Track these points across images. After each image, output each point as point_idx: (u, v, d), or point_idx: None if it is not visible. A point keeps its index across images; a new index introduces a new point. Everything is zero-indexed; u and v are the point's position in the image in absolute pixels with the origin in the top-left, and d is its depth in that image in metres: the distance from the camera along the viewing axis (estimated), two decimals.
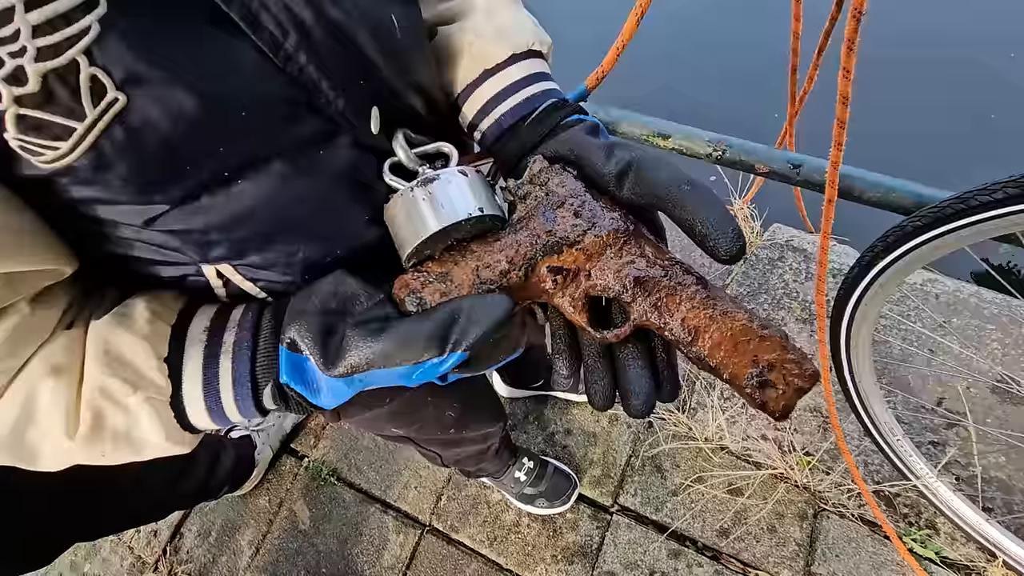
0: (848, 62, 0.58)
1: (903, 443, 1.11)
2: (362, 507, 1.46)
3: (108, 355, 0.36)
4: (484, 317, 0.34)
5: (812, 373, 0.33)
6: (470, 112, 0.48)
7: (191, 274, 0.41)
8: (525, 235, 0.38)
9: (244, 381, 0.38)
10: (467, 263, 0.37)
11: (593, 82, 0.91)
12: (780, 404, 0.33)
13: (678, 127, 0.95)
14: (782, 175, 0.87)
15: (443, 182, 0.38)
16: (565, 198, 0.38)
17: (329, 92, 0.36)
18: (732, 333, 0.34)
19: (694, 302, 0.36)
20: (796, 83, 1.06)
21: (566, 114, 0.45)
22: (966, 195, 0.66)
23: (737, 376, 0.34)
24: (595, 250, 0.37)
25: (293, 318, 0.37)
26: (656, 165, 0.37)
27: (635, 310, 0.37)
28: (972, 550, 1.16)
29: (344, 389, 0.37)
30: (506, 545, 1.35)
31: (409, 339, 0.34)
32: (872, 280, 0.83)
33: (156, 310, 0.39)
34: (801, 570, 1.20)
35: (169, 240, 0.36)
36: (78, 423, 0.36)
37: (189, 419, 0.39)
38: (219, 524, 1.52)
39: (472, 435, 0.96)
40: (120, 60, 0.27)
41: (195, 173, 0.32)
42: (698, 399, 1.44)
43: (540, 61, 0.49)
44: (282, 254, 0.39)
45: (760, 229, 1.69)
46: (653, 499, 1.33)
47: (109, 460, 0.38)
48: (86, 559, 1.57)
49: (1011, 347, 1.33)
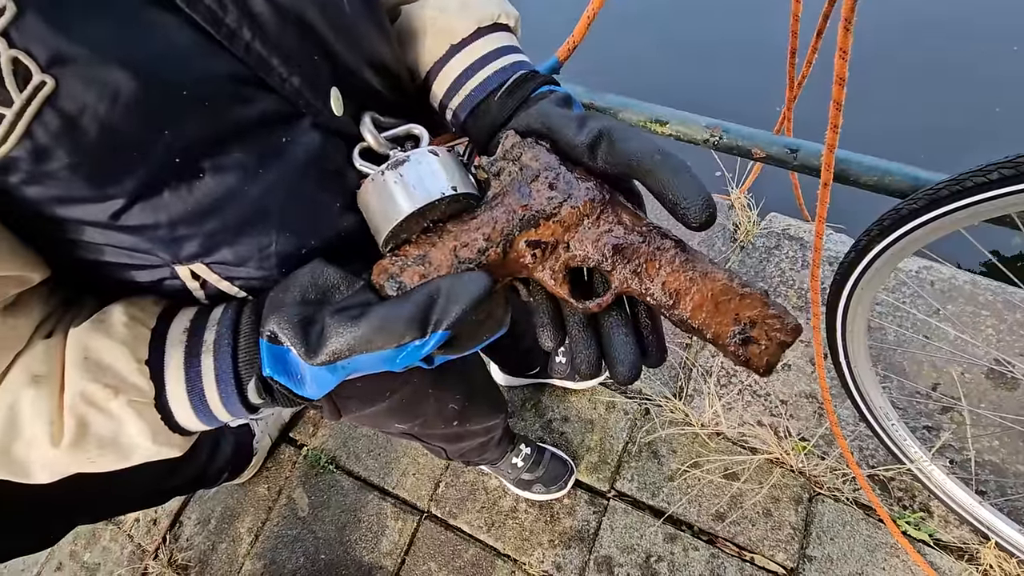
0: (844, 42, 0.57)
1: (898, 428, 1.12)
2: (360, 494, 1.47)
3: (88, 361, 0.35)
4: (463, 295, 0.34)
5: (794, 327, 0.34)
6: (440, 91, 0.47)
7: (167, 277, 0.40)
8: (501, 211, 0.38)
9: (227, 378, 0.38)
10: (445, 243, 0.37)
11: (565, 53, 0.90)
12: (764, 360, 0.34)
13: (675, 112, 0.95)
14: (779, 160, 0.87)
15: (413, 163, 0.37)
16: (539, 171, 0.38)
17: (281, 69, 0.35)
18: (713, 293, 0.35)
19: (673, 265, 0.36)
20: (795, 66, 1.06)
21: (536, 85, 0.44)
22: (961, 177, 0.66)
23: (720, 335, 0.35)
24: (572, 221, 0.37)
25: (272, 310, 0.36)
26: (627, 135, 0.36)
27: (616, 278, 0.37)
28: (965, 532, 1.18)
29: (328, 377, 0.37)
30: (504, 530, 1.36)
31: (389, 322, 0.33)
32: (868, 264, 0.83)
33: (135, 315, 0.38)
34: (796, 553, 1.21)
35: (138, 242, 0.35)
36: (62, 431, 0.35)
37: (176, 420, 0.39)
38: (218, 512, 1.53)
39: (475, 428, 0.96)
40: (41, 40, 0.26)
41: (145, 161, 0.31)
42: (695, 386, 1.44)
43: (508, 34, 0.48)
44: (254, 248, 0.39)
45: (757, 218, 1.69)
46: (649, 484, 1.34)
47: (99, 467, 0.38)
48: (86, 548, 1.57)
49: (1006, 332, 1.34)
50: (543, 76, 0.46)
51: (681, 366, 1.48)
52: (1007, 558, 1.12)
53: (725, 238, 1.69)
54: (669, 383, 1.47)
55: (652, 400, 1.43)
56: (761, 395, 1.39)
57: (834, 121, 0.65)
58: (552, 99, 0.42)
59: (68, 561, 1.57)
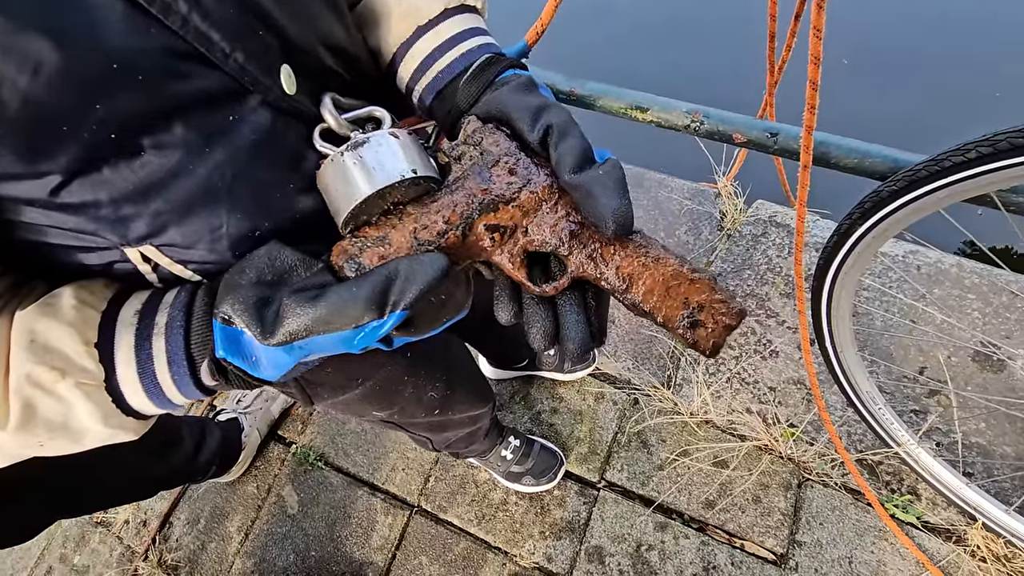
0: (818, 21, 0.57)
1: (885, 412, 1.12)
2: (350, 490, 1.46)
3: (34, 344, 0.35)
4: (420, 276, 0.34)
5: (739, 311, 0.36)
6: (406, 73, 0.46)
7: (117, 260, 0.39)
8: (461, 195, 0.38)
9: (179, 360, 0.37)
10: (404, 226, 0.37)
11: (533, 37, 0.89)
12: (710, 342, 0.36)
13: (655, 99, 0.94)
14: (759, 144, 0.86)
15: (373, 145, 0.37)
16: (500, 156, 0.39)
17: (223, 44, 0.34)
18: (664, 278, 0.36)
19: (627, 251, 0.37)
20: (774, 50, 1.05)
21: (500, 69, 0.44)
22: (939, 156, 0.66)
23: (670, 318, 0.36)
24: (531, 206, 0.38)
25: (227, 292, 0.36)
26: (570, 132, 0.37)
27: (572, 262, 0.38)
28: (953, 514, 1.18)
29: (285, 358, 0.36)
30: (494, 523, 1.35)
31: (347, 302, 0.33)
32: (851, 248, 0.83)
33: (84, 298, 0.37)
34: (785, 539, 1.21)
35: (82, 223, 0.35)
36: (8, 415, 0.34)
37: (129, 403, 0.38)
38: (207, 511, 1.52)
39: (459, 417, 0.95)
40: None
41: (77, 135, 0.30)
42: (683, 375, 1.44)
43: (475, 16, 0.48)
44: (204, 229, 0.38)
45: (744, 206, 1.68)
46: (639, 474, 1.34)
47: (49, 451, 0.37)
48: (75, 551, 1.56)
49: (992, 315, 1.34)
50: (508, 59, 0.45)
51: (669, 355, 1.48)
52: (994, 539, 1.12)
53: (712, 226, 1.69)
54: (658, 372, 1.47)
55: (641, 390, 1.43)
56: (749, 382, 1.39)
57: (811, 102, 0.64)
58: (513, 86, 0.42)
59: (57, 564, 1.56)
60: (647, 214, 1.76)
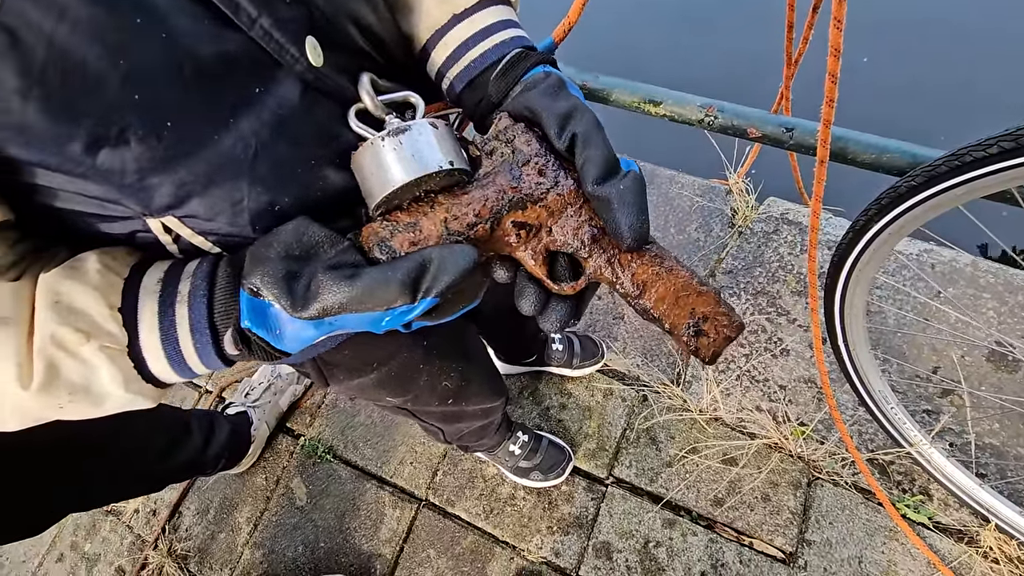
0: (839, 11, 0.56)
1: (897, 411, 1.11)
2: (359, 483, 1.46)
3: (59, 305, 0.35)
4: (453, 266, 0.35)
5: (739, 324, 0.39)
6: (439, 59, 0.47)
7: (139, 230, 0.39)
8: (492, 190, 0.40)
9: (202, 328, 0.37)
10: (435, 214, 0.39)
11: (560, 34, 0.89)
12: (711, 350, 0.39)
13: (668, 92, 0.93)
14: (774, 139, 0.85)
15: (414, 133, 0.38)
16: (530, 156, 0.40)
17: (250, 8, 0.34)
18: (675, 288, 0.39)
19: (643, 260, 0.40)
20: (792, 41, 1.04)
21: (531, 65, 0.45)
22: (960, 151, 0.65)
23: (677, 325, 0.39)
24: (556, 208, 0.40)
25: (255, 264, 0.36)
26: (594, 142, 0.38)
27: (590, 265, 0.40)
28: (965, 515, 1.17)
29: (310, 333, 0.37)
30: (502, 518, 1.35)
31: (382, 285, 0.34)
32: (866, 245, 0.82)
33: (108, 263, 0.38)
34: (795, 537, 1.21)
35: (107, 191, 0.35)
36: (31, 374, 0.35)
37: (150, 370, 0.38)
38: (217, 502, 1.53)
39: (472, 409, 0.95)
40: None
41: (103, 94, 0.30)
42: (692, 372, 1.43)
43: (508, 8, 0.48)
44: (226, 202, 0.38)
45: (755, 203, 1.67)
46: (648, 470, 1.33)
47: (68, 414, 0.37)
48: (86, 539, 1.58)
49: (1007, 315, 1.33)
50: (540, 54, 0.46)
51: (679, 352, 1.47)
52: (1007, 540, 1.11)
53: (723, 223, 1.68)
54: (667, 369, 1.46)
55: (650, 386, 1.42)
56: (759, 380, 1.38)
57: (830, 95, 0.63)
58: (543, 88, 0.42)
59: (69, 552, 1.57)
60: (658, 211, 1.75)
